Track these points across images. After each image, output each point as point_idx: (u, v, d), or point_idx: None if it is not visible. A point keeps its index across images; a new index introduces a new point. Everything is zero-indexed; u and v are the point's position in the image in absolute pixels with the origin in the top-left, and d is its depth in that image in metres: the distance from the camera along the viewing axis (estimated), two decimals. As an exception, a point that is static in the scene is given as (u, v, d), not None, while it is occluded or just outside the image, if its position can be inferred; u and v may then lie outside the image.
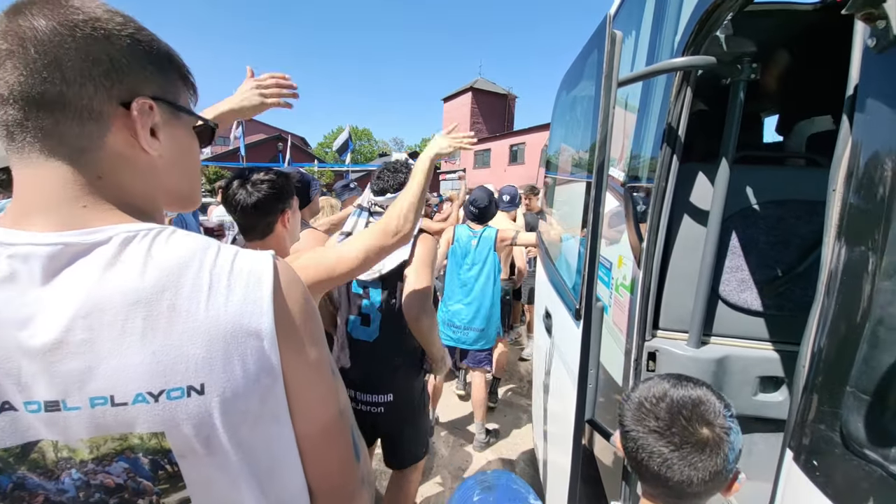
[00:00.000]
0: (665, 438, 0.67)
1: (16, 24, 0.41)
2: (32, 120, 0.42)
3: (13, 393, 0.41)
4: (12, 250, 0.41)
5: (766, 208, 1.28)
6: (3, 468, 0.43)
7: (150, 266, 0.43)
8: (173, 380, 0.43)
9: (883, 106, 0.50)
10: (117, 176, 0.47)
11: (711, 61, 1.06)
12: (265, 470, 0.50)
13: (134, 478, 0.45)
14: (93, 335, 0.41)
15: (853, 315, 0.52)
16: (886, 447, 0.48)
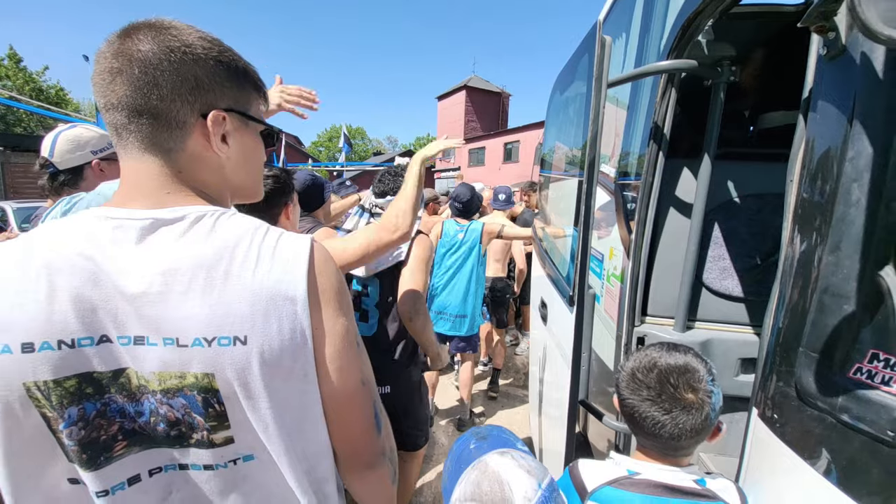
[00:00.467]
0: (657, 405, 0.75)
1: (126, 45, 0.51)
2: (134, 124, 0.53)
3: (111, 328, 0.51)
4: (116, 222, 0.53)
5: (745, 201, 1.37)
6: (93, 392, 0.52)
7: (212, 238, 0.54)
8: (223, 329, 0.51)
9: (832, 107, 0.59)
10: (193, 171, 0.58)
11: (693, 65, 1.15)
12: (293, 421, 0.57)
13: (190, 413, 0.54)
14: (166, 288, 0.51)
15: (805, 285, 0.60)
16: (832, 396, 0.57)
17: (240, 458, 0.58)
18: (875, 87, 0.54)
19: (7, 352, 0.47)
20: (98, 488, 0.53)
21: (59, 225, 0.54)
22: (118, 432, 0.54)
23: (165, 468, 0.57)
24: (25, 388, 0.49)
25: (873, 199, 0.52)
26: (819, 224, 0.58)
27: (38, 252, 0.50)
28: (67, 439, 0.51)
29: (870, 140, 0.53)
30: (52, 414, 0.50)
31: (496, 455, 0.61)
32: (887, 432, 0.52)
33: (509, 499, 0.54)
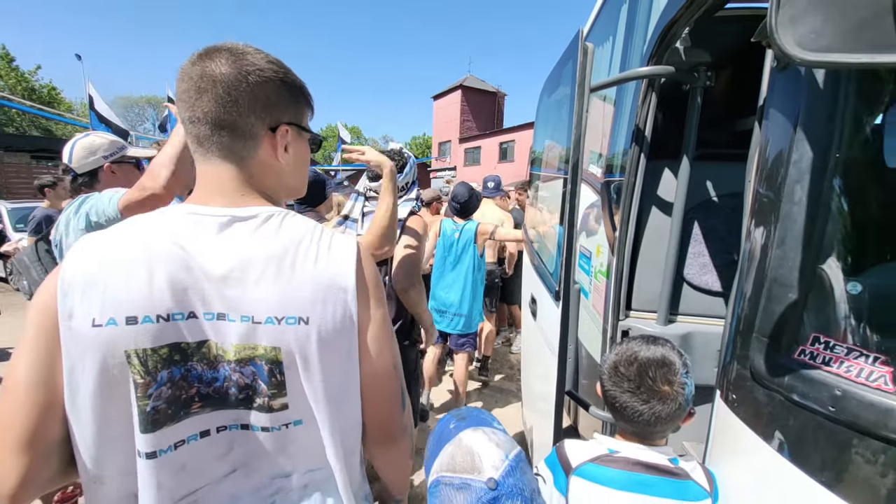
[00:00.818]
0: (636, 396, 0.82)
1: (209, 67, 0.60)
2: (216, 136, 0.63)
3: (198, 306, 0.60)
4: (200, 218, 0.63)
5: (723, 200, 1.44)
6: (180, 359, 0.61)
7: (280, 235, 0.64)
8: (290, 311, 0.61)
9: (780, 114, 0.65)
10: (261, 177, 0.68)
11: (671, 70, 1.21)
12: (338, 393, 0.66)
13: (256, 380, 0.64)
14: (244, 275, 0.60)
15: (758, 276, 0.66)
16: (781, 376, 0.63)
17: (291, 422, 0.67)
18: (817, 96, 0.60)
19: (113, 324, 0.56)
20: (176, 439, 0.62)
21: (150, 218, 0.63)
22: (195, 395, 0.63)
23: (230, 427, 0.66)
24: (126, 354, 0.57)
25: (813, 199, 0.58)
26: (770, 220, 0.65)
27: (137, 241, 0.59)
28: (154, 400, 0.59)
29: (811, 144, 0.59)
30: (144, 379, 0.58)
31: (470, 431, 0.68)
32: (829, 407, 0.58)
33: (479, 467, 0.61)
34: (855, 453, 0.56)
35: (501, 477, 0.59)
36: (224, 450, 0.66)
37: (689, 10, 1.09)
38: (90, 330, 0.55)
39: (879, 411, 0.53)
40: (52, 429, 0.57)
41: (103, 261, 0.57)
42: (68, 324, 0.55)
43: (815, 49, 0.40)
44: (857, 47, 0.39)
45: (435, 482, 0.64)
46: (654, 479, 0.80)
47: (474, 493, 0.58)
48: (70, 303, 0.55)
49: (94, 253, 0.58)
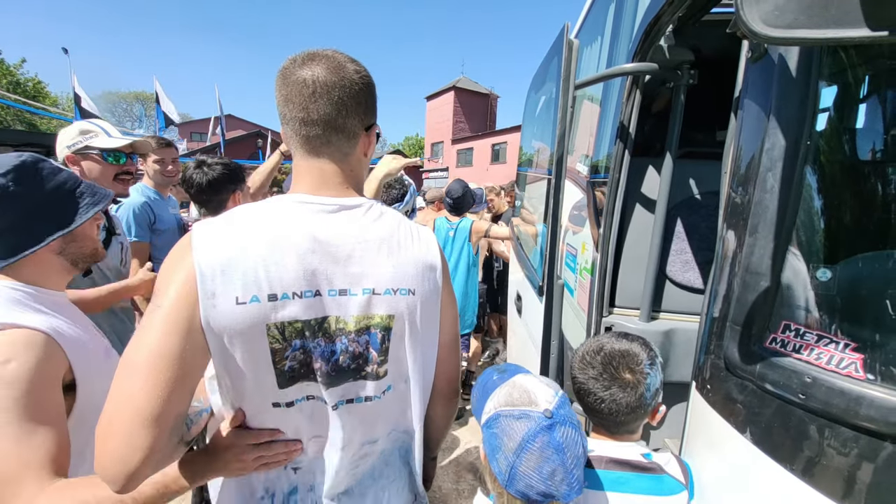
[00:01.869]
0: (599, 382, 0.84)
1: (321, 75, 0.67)
2: (326, 135, 0.71)
3: (324, 284, 0.68)
4: (315, 206, 0.71)
5: (706, 198, 1.45)
6: (311, 334, 0.68)
7: (384, 220, 0.75)
8: (403, 283, 0.73)
9: (754, 104, 0.65)
10: (356, 170, 0.77)
11: (654, 67, 1.22)
12: (428, 357, 0.80)
13: (368, 348, 0.72)
14: (364, 254, 0.70)
15: (732, 265, 0.67)
16: (753, 365, 0.63)
17: (387, 388, 0.76)
18: (788, 86, 0.60)
19: (256, 301, 0.63)
20: (307, 393, 0.71)
21: (266, 207, 0.69)
22: (318, 370, 0.70)
23: (339, 403, 0.73)
24: (266, 326, 0.64)
25: (784, 187, 0.59)
26: (743, 210, 0.65)
27: (263, 228, 0.66)
28: (290, 361, 0.68)
29: (782, 133, 0.59)
30: (280, 346, 0.66)
31: (521, 375, 0.77)
32: (798, 395, 0.58)
33: (535, 401, 0.69)
34: (825, 441, 0.56)
35: (555, 408, 0.68)
36: (337, 420, 0.74)
37: (671, 7, 1.10)
38: (235, 307, 0.62)
39: (849, 398, 0.54)
40: (181, 403, 0.62)
41: (234, 245, 0.63)
42: (212, 302, 0.61)
43: (779, 25, 0.40)
44: (820, 23, 0.39)
45: (494, 416, 0.71)
46: (628, 476, 0.79)
47: (534, 421, 0.66)
48: (211, 284, 0.61)
49: (226, 238, 0.64)
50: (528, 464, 0.64)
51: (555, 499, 0.63)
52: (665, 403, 1.40)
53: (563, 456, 0.64)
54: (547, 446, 0.64)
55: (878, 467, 0.52)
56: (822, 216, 0.60)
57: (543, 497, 0.63)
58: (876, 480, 0.52)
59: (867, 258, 0.58)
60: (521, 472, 0.64)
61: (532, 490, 0.64)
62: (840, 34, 0.38)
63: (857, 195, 0.61)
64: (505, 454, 0.66)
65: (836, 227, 0.61)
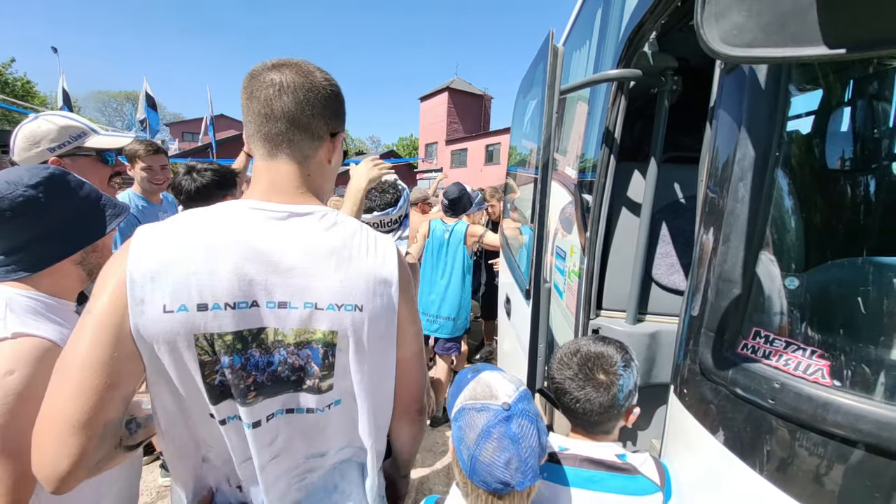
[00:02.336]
0: (574, 382, 0.87)
1: (287, 76, 0.67)
2: (289, 133, 0.69)
3: (261, 295, 0.65)
4: (263, 213, 0.68)
5: (690, 201, 1.47)
6: (242, 347, 0.65)
7: (336, 230, 0.70)
8: (348, 299, 0.68)
9: (727, 115, 0.67)
10: (315, 175, 0.75)
11: (638, 74, 1.23)
12: (378, 374, 0.75)
13: (310, 362, 0.69)
14: (309, 266, 0.66)
15: (707, 273, 0.68)
16: (725, 370, 0.64)
17: (332, 403, 0.74)
18: (759, 97, 0.61)
19: (184, 310, 0.61)
20: (228, 414, 0.68)
21: (212, 212, 0.67)
22: (252, 384, 0.67)
23: (277, 413, 0.71)
24: (195, 337, 0.62)
25: (755, 196, 0.60)
26: (717, 219, 0.66)
27: (203, 234, 0.63)
28: (220, 376, 0.65)
29: (753, 143, 0.60)
30: (210, 358, 0.64)
31: (487, 372, 0.80)
32: (768, 399, 0.59)
33: (495, 395, 0.73)
34: (794, 445, 0.57)
35: (513, 402, 0.71)
36: (270, 439, 0.72)
37: (653, 15, 1.11)
38: (162, 315, 0.60)
39: (816, 404, 0.55)
40: (113, 409, 0.61)
41: (171, 252, 0.61)
42: (140, 308, 0.59)
43: (739, 44, 0.41)
44: (779, 41, 0.40)
45: (459, 410, 0.75)
46: (601, 475, 0.81)
47: (492, 413, 0.70)
48: (140, 290, 0.59)
49: (158, 244, 0.62)
50: (486, 453, 0.67)
51: (511, 486, 0.67)
52: (651, 404, 1.42)
53: (519, 446, 0.67)
54: (503, 436, 0.67)
55: (845, 472, 0.53)
56: (792, 224, 0.62)
57: (501, 485, 0.67)
58: (842, 484, 0.53)
59: (833, 266, 0.59)
60: (480, 461, 0.68)
61: (491, 478, 0.67)
62: (798, 53, 0.39)
63: (825, 204, 0.63)
64: (467, 445, 0.70)
65: (804, 235, 0.62)
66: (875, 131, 0.64)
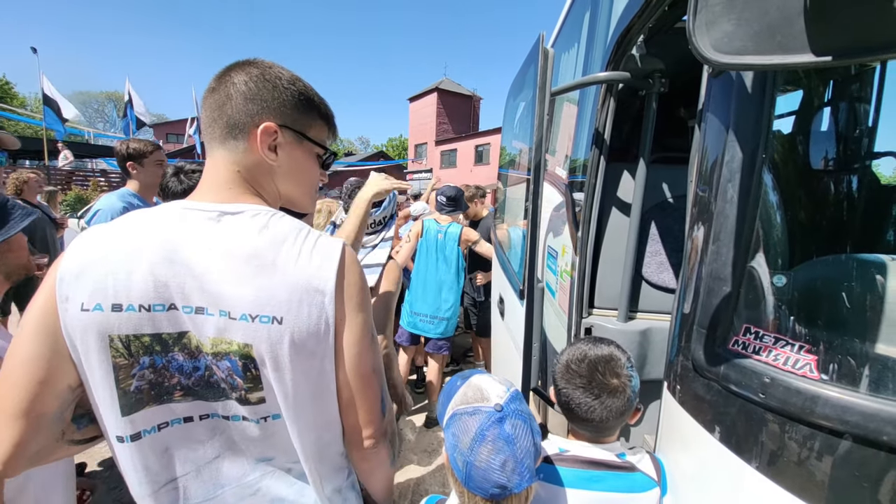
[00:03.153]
0: (588, 391, 0.84)
1: (227, 75, 0.68)
2: (213, 127, 0.68)
3: (178, 299, 0.62)
4: (192, 213, 0.65)
5: (678, 201, 1.49)
6: (161, 349, 0.63)
7: (265, 233, 0.64)
8: (265, 310, 0.62)
9: (715, 118, 0.69)
10: (255, 172, 0.70)
11: (626, 76, 1.25)
12: (309, 394, 0.67)
13: (232, 375, 0.65)
14: (224, 270, 0.62)
15: (698, 271, 0.70)
16: (717, 366, 0.66)
17: (270, 416, 0.68)
18: (746, 100, 0.63)
19: (99, 309, 0.60)
20: (159, 420, 0.66)
21: (148, 213, 0.66)
22: (177, 384, 0.66)
23: (212, 415, 0.69)
24: (109, 338, 0.61)
25: (743, 196, 0.62)
26: (706, 218, 0.68)
27: (130, 234, 0.63)
28: (138, 380, 0.63)
29: (740, 145, 0.62)
30: (126, 361, 0.62)
31: (477, 375, 0.79)
32: (759, 394, 0.61)
33: (487, 397, 0.72)
34: (785, 439, 0.59)
35: (505, 403, 0.70)
36: (207, 435, 0.69)
37: (641, 19, 1.13)
38: (79, 313, 0.60)
39: (805, 398, 0.57)
40: (46, 403, 0.61)
41: (96, 251, 0.62)
42: (65, 306, 0.60)
43: (728, 52, 0.43)
44: (767, 49, 0.41)
45: (451, 416, 0.73)
46: (602, 475, 0.82)
47: (485, 415, 0.68)
48: (66, 288, 0.60)
49: (90, 243, 0.62)
50: (481, 457, 0.66)
51: (508, 490, 0.65)
52: (643, 400, 1.44)
53: (514, 447, 0.66)
54: (498, 438, 0.67)
55: (834, 462, 0.55)
56: (779, 223, 0.64)
57: (499, 489, 0.66)
58: (831, 475, 0.55)
59: (819, 263, 0.61)
60: (476, 466, 0.66)
61: (488, 483, 0.66)
62: (786, 60, 0.41)
63: (810, 203, 0.65)
64: (461, 450, 0.68)
65: (791, 233, 0.64)
66: (857, 132, 0.66)
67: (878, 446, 0.50)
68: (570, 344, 0.95)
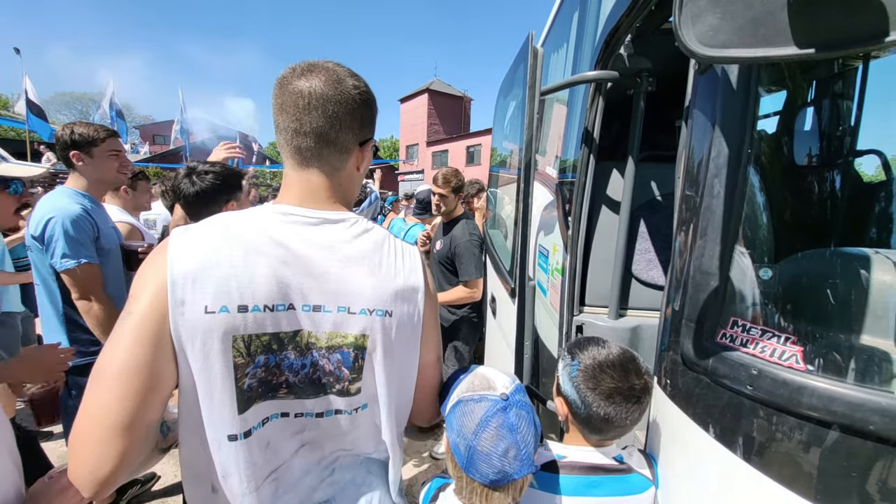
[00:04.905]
0: (614, 397, 0.78)
1: (317, 87, 0.67)
2: (318, 148, 0.70)
3: (297, 298, 0.67)
4: (297, 218, 0.70)
5: (667, 199, 1.51)
6: (277, 348, 0.67)
7: (367, 237, 0.73)
8: (380, 304, 0.70)
9: (701, 114, 0.69)
10: (346, 185, 0.77)
11: (615, 75, 1.26)
12: (404, 378, 0.78)
13: (340, 367, 0.71)
14: (343, 271, 0.69)
15: (686, 264, 0.70)
16: (706, 359, 0.66)
17: (360, 406, 0.75)
18: (732, 96, 0.64)
19: (225, 311, 0.62)
20: (263, 416, 0.68)
21: (246, 217, 0.68)
22: (284, 382, 0.69)
23: (306, 415, 0.73)
24: (233, 338, 0.63)
25: (729, 192, 0.62)
26: (694, 214, 0.68)
27: (241, 237, 0.65)
28: (250, 379, 0.65)
29: (726, 141, 0.63)
30: (244, 360, 0.64)
31: (482, 367, 0.81)
32: (747, 387, 0.62)
33: (493, 386, 0.74)
34: (773, 429, 0.60)
35: (511, 392, 0.73)
36: (298, 428, 0.73)
37: (629, 18, 1.14)
38: (203, 316, 0.61)
39: (792, 388, 0.57)
40: (153, 411, 0.62)
41: (212, 254, 0.63)
42: (181, 310, 0.60)
43: (714, 45, 0.43)
44: (752, 42, 0.42)
45: (456, 403, 0.75)
46: (600, 479, 0.81)
47: (490, 403, 0.71)
48: (181, 292, 0.60)
49: (202, 247, 0.63)
50: (485, 442, 0.68)
51: (509, 476, 0.67)
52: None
53: (516, 435, 0.68)
54: (502, 426, 0.68)
55: (822, 452, 0.56)
56: (765, 217, 0.64)
57: (499, 475, 0.67)
58: (819, 464, 0.56)
59: (804, 256, 0.62)
60: (479, 451, 0.68)
61: (489, 468, 0.67)
62: (770, 53, 0.41)
63: (794, 198, 0.66)
64: (464, 435, 0.70)
65: (776, 227, 0.65)
66: (840, 129, 0.68)
67: (865, 436, 0.51)
68: (577, 347, 0.87)
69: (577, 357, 0.85)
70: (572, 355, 0.87)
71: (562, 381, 0.88)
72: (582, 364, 0.84)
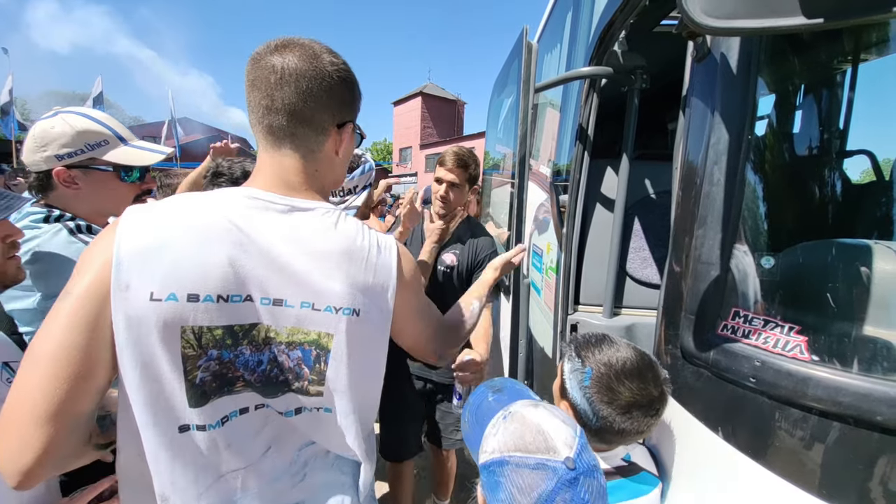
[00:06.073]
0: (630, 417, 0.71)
1: (291, 62, 0.62)
2: (291, 127, 0.65)
3: (255, 290, 0.61)
4: (262, 203, 0.64)
5: (661, 197, 1.50)
6: (232, 343, 0.62)
7: (339, 230, 0.66)
8: (347, 302, 0.64)
9: (700, 102, 0.68)
10: (322, 170, 0.71)
11: (609, 71, 1.26)
12: (368, 379, 0.72)
13: (300, 364, 0.66)
14: (308, 264, 0.63)
15: (685, 257, 0.69)
16: (707, 352, 0.65)
17: (322, 408, 0.70)
18: (731, 82, 0.63)
19: (173, 299, 0.56)
20: (222, 414, 0.64)
21: (209, 198, 0.63)
22: (240, 377, 0.64)
23: (266, 405, 0.68)
24: (182, 329, 0.57)
25: (729, 179, 0.61)
26: (693, 203, 0.67)
27: (198, 219, 0.59)
28: (202, 372, 0.60)
29: (726, 127, 0.62)
30: (195, 353, 0.59)
31: (530, 408, 0.63)
32: (749, 379, 0.60)
33: (553, 447, 0.57)
34: (777, 421, 0.58)
35: (576, 454, 0.56)
36: (259, 426, 0.69)
37: (622, 14, 1.14)
38: (148, 303, 0.55)
39: (796, 380, 0.56)
40: (83, 402, 0.56)
41: (164, 236, 0.57)
42: (124, 295, 0.55)
43: (719, 16, 0.42)
44: (758, 12, 0.40)
45: (499, 461, 0.58)
46: (619, 483, 0.76)
47: (554, 474, 0.54)
48: (126, 275, 0.55)
49: (153, 227, 0.57)
50: None
51: None
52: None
53: None
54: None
55: (827, 444, 0.54)
56: (765, 207, 0.63)
57: None
58: (825, 456, 0.54)
59: (806, 246, 0.61)
60: None
61: None
62: (778, 23, 0.40)
63: (796, 187, 0.65)
64: None
65: (778, 216, 0.64)
66: (841, 119, 0.67)
67: (871, 426, 0.49)
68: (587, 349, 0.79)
69: (588, 362, 0.76)
70: (582, 359, 0.78)
71: (569, 387, 0.78)
72: (595, 372, 0.75)
